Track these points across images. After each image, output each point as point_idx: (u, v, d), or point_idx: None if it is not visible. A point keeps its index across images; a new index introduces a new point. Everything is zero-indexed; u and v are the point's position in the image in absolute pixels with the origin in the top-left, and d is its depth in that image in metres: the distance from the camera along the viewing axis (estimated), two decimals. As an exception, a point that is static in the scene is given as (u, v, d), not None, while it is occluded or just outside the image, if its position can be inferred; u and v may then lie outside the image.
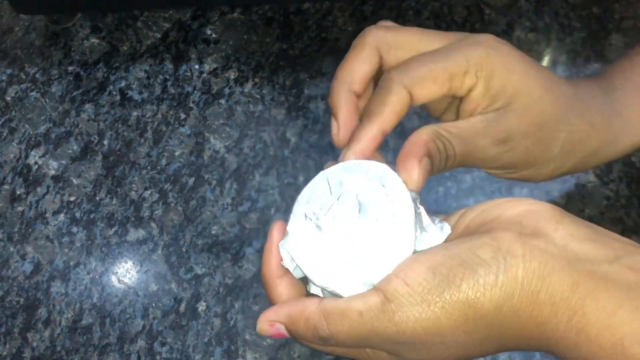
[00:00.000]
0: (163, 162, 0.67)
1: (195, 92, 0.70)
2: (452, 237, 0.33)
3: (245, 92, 0.70)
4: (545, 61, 0.71)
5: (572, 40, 0.72)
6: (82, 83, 0.71)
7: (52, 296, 0.61)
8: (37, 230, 0.64)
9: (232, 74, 0.71)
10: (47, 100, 0.70)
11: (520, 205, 0.32)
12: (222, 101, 0.69)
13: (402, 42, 0.38)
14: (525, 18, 0.73)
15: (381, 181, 0.34)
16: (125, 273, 0.62)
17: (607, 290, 0.28)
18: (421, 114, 0.58)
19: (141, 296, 0.61)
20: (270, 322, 0.34)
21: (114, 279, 0.62)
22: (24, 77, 0.72)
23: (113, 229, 0.64)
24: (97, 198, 0.65)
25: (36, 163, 0.67)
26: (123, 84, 0.71)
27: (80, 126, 0.69)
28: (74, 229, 0.64)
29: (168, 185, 0.66)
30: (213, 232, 0.63)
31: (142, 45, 0.73)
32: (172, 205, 0.65)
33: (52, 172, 0.67)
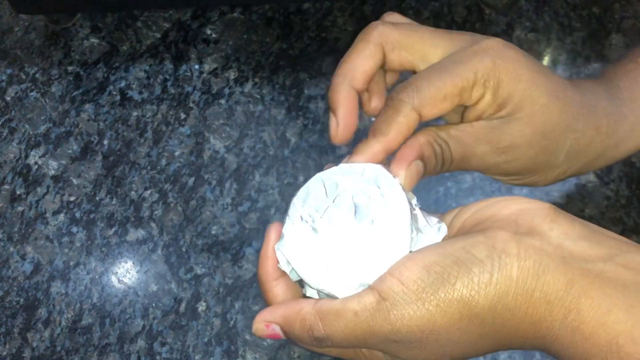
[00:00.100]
0: (163, 162, 0.67)
1: (195, 92, 0.70)
2: (447, 236, 0.33)
3: (245, 92, 0.70)
4: (545, 61, 0.71)
5: (572, 40, 0.72)
6: (82, 83, 0.71)
7: (52, 296, 0.61)
8: (37, 230, 0.64)
9: (232, 74, 0.71)
10: (47, 100, 0.71)
11: (515, 204, 0.32)
12: (222, 101, 0.70)
13: (407, 44, 0.37)
14: (525, 18, 0.73)
15: (376, 183, 0.34)
16: (125, 273, 0.62)
17: (602, 288, 0.28)
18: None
19: (141, 296, 0.61)
20: (266, 323, 0.34)
21: (114, 279, 0.62)
22: (24, 77, 0.72)
23: (113, 229, 0.64)
24: (97, 198, 0.65)
25: (36, 163, 0.67)
26: (123, 84, 0.71)
27: (80, 126, 0.69)
28: (74, 229, 0.64)
29: (168, 185, 0.66)
30: (213, 232, 0.63)
31: (142, 45, 0.73)
32: (172, 205, 0.65)
33: (52, 172, 0.67)
